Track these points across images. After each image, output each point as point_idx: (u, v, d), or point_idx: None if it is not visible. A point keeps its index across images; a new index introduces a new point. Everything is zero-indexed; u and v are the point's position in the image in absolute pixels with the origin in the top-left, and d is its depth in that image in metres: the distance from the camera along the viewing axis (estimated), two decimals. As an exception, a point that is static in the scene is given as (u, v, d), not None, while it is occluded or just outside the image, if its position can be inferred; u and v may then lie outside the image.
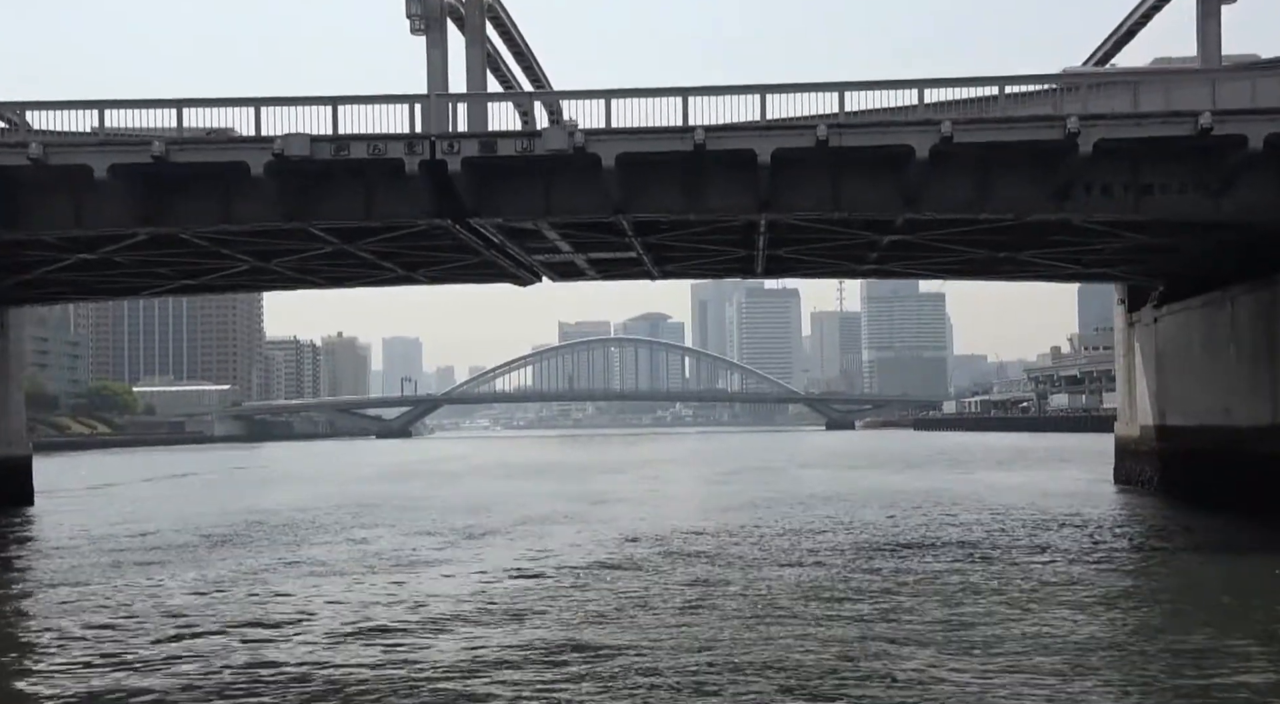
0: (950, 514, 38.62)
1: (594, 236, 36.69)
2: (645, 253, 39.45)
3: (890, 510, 40.26)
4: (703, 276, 46.84)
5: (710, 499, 48.56)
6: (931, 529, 33.72)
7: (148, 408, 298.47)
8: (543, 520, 39.01)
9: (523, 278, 44.71)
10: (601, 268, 43.54)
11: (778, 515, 39.02)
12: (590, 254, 40.17)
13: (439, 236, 36.11)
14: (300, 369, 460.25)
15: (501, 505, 46.72)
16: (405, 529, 36.70)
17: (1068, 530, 32.90)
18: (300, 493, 58.36)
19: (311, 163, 30.49)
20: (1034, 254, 39.40)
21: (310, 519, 41.00)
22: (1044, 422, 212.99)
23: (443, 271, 43.20)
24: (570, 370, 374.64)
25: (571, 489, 57.61)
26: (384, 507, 47.15)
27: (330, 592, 23.49)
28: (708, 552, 28.91)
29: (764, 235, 36.29)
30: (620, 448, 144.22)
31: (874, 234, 36.11)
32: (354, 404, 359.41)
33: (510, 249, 37.89)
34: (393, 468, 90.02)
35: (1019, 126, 29.51)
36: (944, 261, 41.80)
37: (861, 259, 41.71)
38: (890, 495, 47.89)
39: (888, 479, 61.94)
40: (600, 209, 32.53)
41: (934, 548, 28.75)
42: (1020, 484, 54.71)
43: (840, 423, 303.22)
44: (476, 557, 29.03)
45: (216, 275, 42.05)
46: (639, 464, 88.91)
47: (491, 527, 37.03)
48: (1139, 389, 46.34)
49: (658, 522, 37.49)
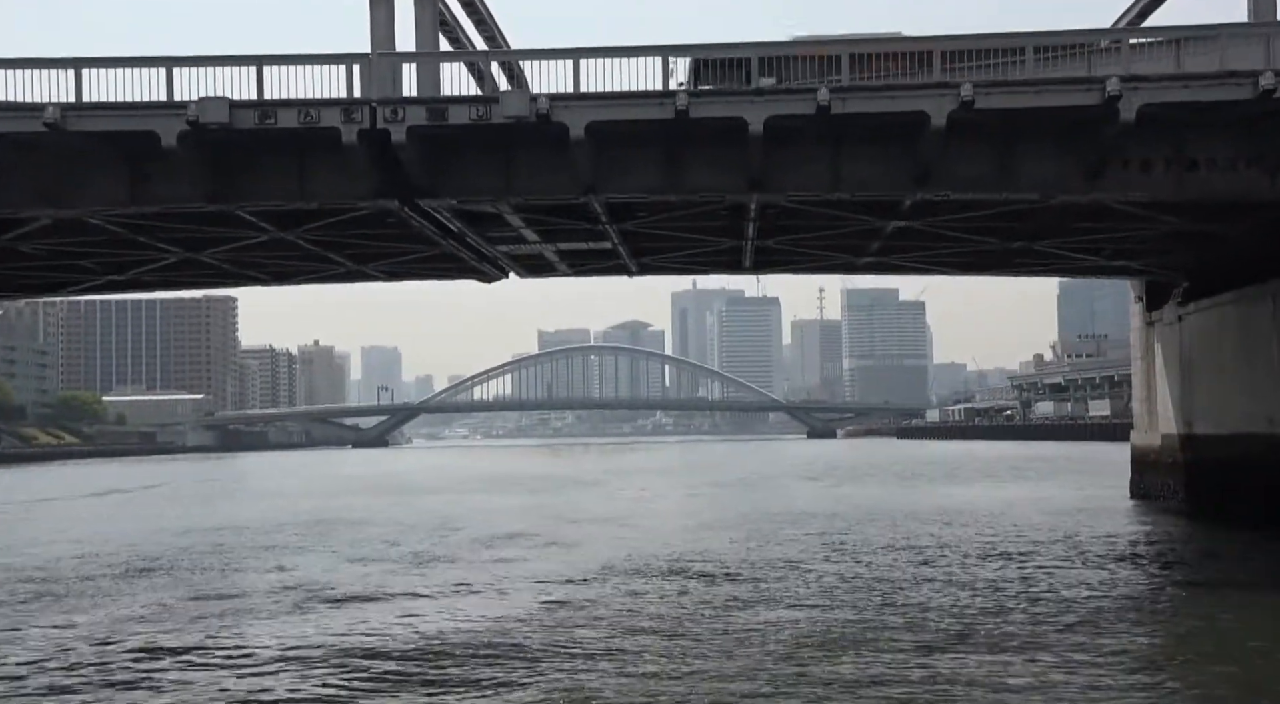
0: (964, 538, 34.60)
1: (563, 223, 32.58)
2: (621, 243, 35.37)
3: (896, 532, 36.22)
4: (685, 272, 42.77)
5: (694, 517, 44.48)
6: (950, 559, 29.67)
7: (118, 418, 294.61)
8: (506, 544, 34.87)
9: (487, 273, 40.57)
10: (573, 261, 39.44)
11: (770, 539, 34.96)
12: (560, 244, 36.06)
13: (388, 223, 31.98)
14: (276, 378, 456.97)
15: (465, 524, 42.58)
16: (349, 554, 32.51)
17: (1112, 564, 28.94)
18: (253, 509, 54.08)
19: (234, 133, 26.30)
20: (1052, 244, 35.48)
21: (249, 542, 36.78)
22: (1029, 430, 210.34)
23: (398, 265, 39.02)
24: (549, 379, 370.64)
25: (544, 505, 53.48)
26: (338, 525, 42.96)
27: (214, 643, 19.24)
28: (691, 589, 24.79)
29: (753, 223, 32.24)
30: (599, 458, 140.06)
31: (877, 219, 32.10)
32: (330, 413, 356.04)
33: (470, 238, 33.77)
34: (361, 480, 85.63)
35: (1051, 90, 25.52)
36: (951, 253, 37.87)
37: (860, 251, 37.75)
38: (891, 513, 43.87)
39: (882, 493, 57.94)
40: (568, 189, 28.44)
41: (961, 587, 24.66)
42: (1028, 499, 50.75)
43: (822, 432, 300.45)
44: (413, 592, 24.82)
45: (145, 269, 37.76)
46: (617, 476, 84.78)
47: (445, 552, 32.87)
48: (1160, 394, 42.47)
49: (634, 545, 33.40)
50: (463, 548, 33.30)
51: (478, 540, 35.30)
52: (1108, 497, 48.96)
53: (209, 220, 31.20)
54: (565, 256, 38.62)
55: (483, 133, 27.02)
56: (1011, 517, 40.85)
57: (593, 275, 43.30)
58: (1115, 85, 24.79)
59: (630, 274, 42.10)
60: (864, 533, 35.80)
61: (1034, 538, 33.51)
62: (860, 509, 45.74)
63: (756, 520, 40.76)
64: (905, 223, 32.19)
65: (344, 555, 32.04)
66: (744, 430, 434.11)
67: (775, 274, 43.15)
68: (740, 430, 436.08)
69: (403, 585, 25.78)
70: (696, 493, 61.72)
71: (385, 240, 34.88)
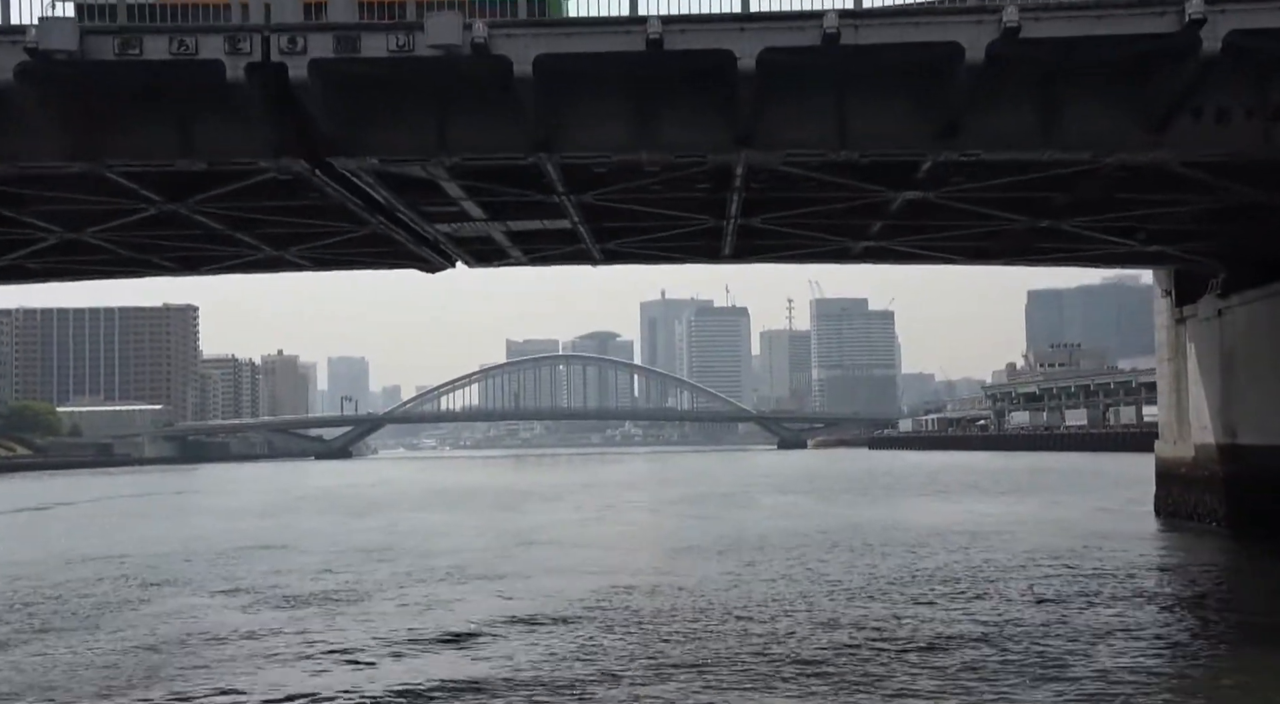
0: (975, 571, 29.43)
1: (512, 193, 27.26)
2: (582, 221, 30.07)
3: (893, 560, 31.07)
4: (655, 260, 37.40)
5: (662, 539, 39.27)
6: (962, 600, 24.48)
7: (73, 429, 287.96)
8: (444, 575, 29.50)
9: (430, 260, 35.21)
10: (528, 245, 34.13)
11: (750, 566, 29.76)
12: (510, 223, 30.72)
13: (304, 194, 26.67)
14: (238, 389, 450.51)
15: (407, 548, 37.23)
16: (259, 591, 27.08)
17: (1160, 603, 23.88)
18: (180, 529, 48.64)
19: (93, 68, 20.91)
20: (1085, 223, 30.40)
21: (145, 576, 31.26)
22: (1004, 440, 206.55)
23: (324, 250, 33.60)
24: (517, 389, 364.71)
25: (500, 523, 48.11)
26: (261, 553, 37.54)
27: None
28: (652, 643, 19.51)
29: (738, 194, 26.97)
30: (565, 470, 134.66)
31: (885, 189, 26.93)
32: (292, 424, 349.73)
33: (402, 213, 28.44)
34: (310, 496, 79.86)
35: (1116, 15, 20.40)
36: (963, 237, 32.79)
37: (860, 232, 32.60)
38: (881, 534, 38.76)
39: (867, 510, 52.80)
40: (515, 145, 23.15)
41: (987, 644, 19.45)
42: (1036, 519, 45.74)
43: (792, 442, 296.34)
44: (305, 648, 19.46)
45: (24, 254, 32.13)
46: (582, 489, 79.37)
47: (372, 586, 27.48)
48: (1194, 400, 37.53)
49: (591, 575, 28.16)
50: (383, 586, 27.83)
51: (407, 574, 29.85)
52: (1127, 515, 44.08)
53: (82, 188, 25.77)
54: (518, 240, 33.30)
55: (407, 72, 21.72)
56: (1025, 541, 35.80)
57: (552, 264, 38.03)
58: (1198, 6, 19.72)
59: (594, 262, 36.80)
60: (856, 564, 30.62)
61: (1059, 567, 28.45)
62: (846, 532, 40.56)
63: (730, 546, 35.46)
64: (918, 194, 27.05)
65: (258, 593, 26.50)
66: (714, 441, 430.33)
67: (758, 264, 37.81)
68: (710, 441, 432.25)
69: (299, 641, 20.40)
70: (665, 510, 56.50)
71: (303, 216, 29.48)
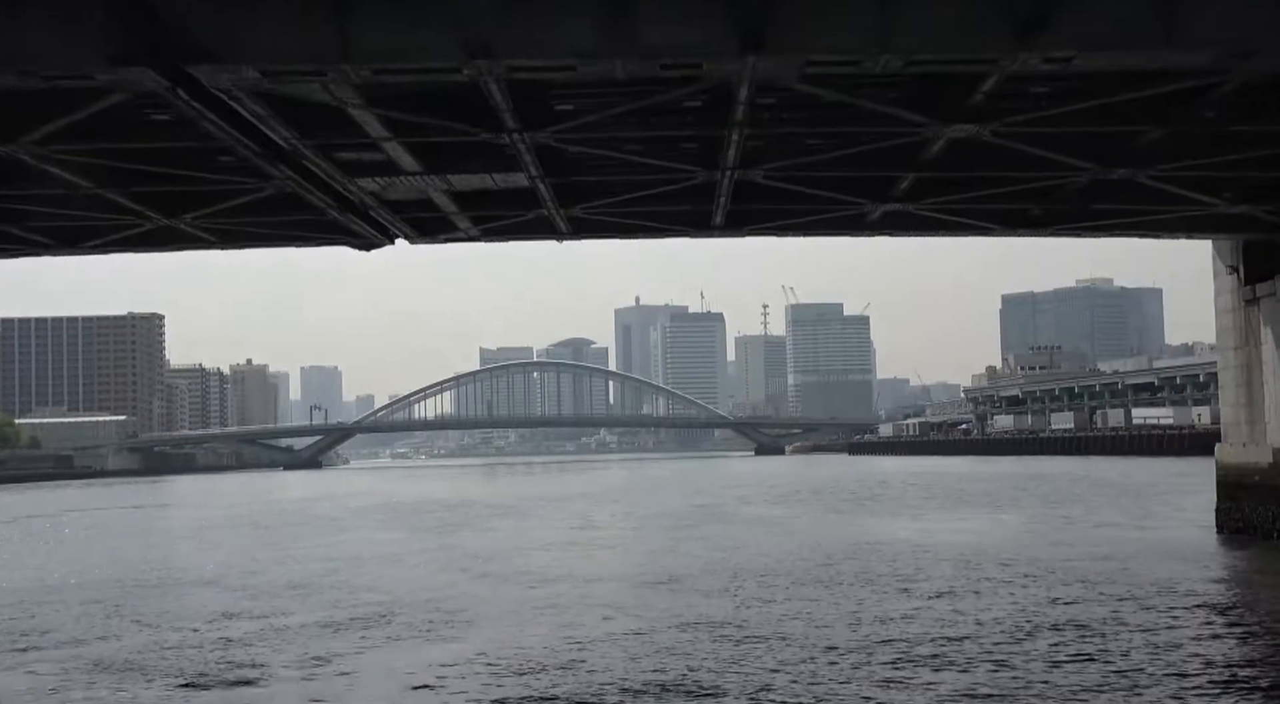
0: (1024, 612, 23.40)
1: (449, 130, 21.05)
2: (541, 175, 23.91)
3: (921, 597, 25.02)
4: (633, 232, 31.05)
5: (642, 567, 33.18)
6: (1006, 659, 18.44)
7: (31, 441, 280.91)
8: (369, 622, 23.25)
9: (361, 234, 29.05)
10: (479, 212, 27.92)
11: (748, 607, 23.71)
12: (452, 178, 24.48)
13: (181, 132, 20.58)
14: (206, 398, 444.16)
15: (338, 582, 31.03)
16: (58, 666, 20.78)
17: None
18: (88, 554, 42.41)
19: None
20: (1171, 172, 24.35)
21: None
22: (988, 444, 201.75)
23: (225, 218, 27.34)
24: (490, 396, 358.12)
25: (455, 546, 41.91)
26: (163, 586, 31.34)
27: None
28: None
29: (739, 128, 20.81)
30: (538, 480, 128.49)
31: (929, 121, 20.82)
32: (259, 434, 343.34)
33: (311, 160, 22.24)
34: (261, 511, 73.43)
35: None
36: (1012, 194, 26.77)
37: (883, 190, 26.54)
38: (895, 558, 32.76)
39: (870, 525, 46.86)
40: (444, 51, 17.02)
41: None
42: (1072, 536, 39.91)
43: (770, 448, 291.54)
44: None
45: None
46: (555, 502, 73.14)
47: (271, 641, 21.20)
48: (1270, 393, 31.72)
49: (551, 624, 22.04)
50: (285, 639, 21.56)
51: (323, 623, 23.55)
52: (1179, 529, 38.29)
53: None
54: (466, 204, 27.10)
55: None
56: (1077, 567, 29.88)
57: (510, 238, 31.90)
58: None
59: (559, 235, 30.70)
60: (883, 608, 24.57)
61: (1128, 604, 22.52)
62: (855, 556, 34.56)
63: (718, 578, 29.30)
64: (971, 129, 21.01)
65: (48, 667, 20.04)
66: (690, 447, 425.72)
67: (755, 237, 31.65)
68: (686, 447, 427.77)
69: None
70: (643, 527, 50.33)
71: (189, 168, 23.33)
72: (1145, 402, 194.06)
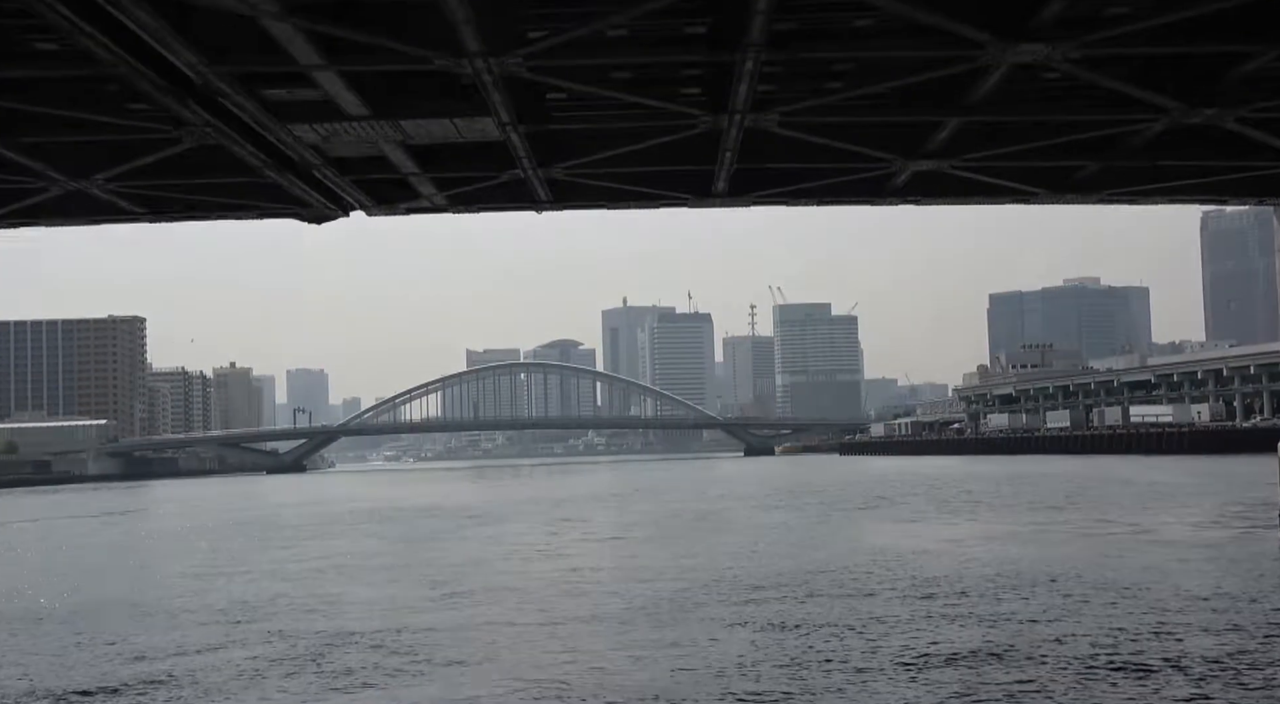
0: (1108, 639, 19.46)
1: (400, 55, 16.95)
2: (514, 121, 19.77)
3: (978, 623, 21.09)
4: (624, 200, 26.85)
5: (630, 588, 29.15)
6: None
7: (8, 446, 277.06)
8: (307, 659, 19.21)
9: (307, 201, 24.86)
10: (442, 172, 23.73)
11: (761, 648, 19.70)
12: (406, 126, 20.33)
13: (75, 62, 16.53)
14: (189, 402, 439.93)
15: (286, 604, 27.02)
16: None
17: None
18: (10, 574, 38.31)
19: None
20: (1257, 113, 20.36)
21: None
22: (983, 444, 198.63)
23: (143, 180, 23.18)
24: (477, 398, 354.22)
25: (426, 560, 37.94)
26: (82, 613, 27.27)
27: None
28: None
29: (753, 54, 16.75)
30: (524, 483, 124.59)
31: (991, 40, 16.78)
32: (242, 438, 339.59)
33: (230, 98, 18.11)
34: (221, 519, 69.30)
35: None
36: (1070, 146, 22.76)
37: (918, 142, 22.48)
38: (924, 569, 28.89)
39: (884, 531, 43.07)
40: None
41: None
42: (1140, 546, 36.06)
43: (759, 449, 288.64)
44: None
45: None
46: (539, 507, 69.14)
47: (185, 689, 17.16)
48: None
49: (523, 674, 18.00)
50: (205, 689, 17.52)
51: (256, 659, 19.51)
52: (1247, 534, 34.50)
53: None
54: (427, 162, 22.92)
55: None
56: (1163, 585, 26.01)
57: (483, 207, 27.58)
58: None
59: (539, 205, 26.48)
60: (930, 639, 20.60)
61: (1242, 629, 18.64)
62: (875, 570, 30.62)
63: (722, 602, 25.36)
64: (1040, 50, 16.95)
65: None
66: (678, 449, 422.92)
67: (763, 207, 27.50)
68: (674, 449, 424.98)
69: None
70: (631, 536, 46.35)
71: (88, 111, 19.23)
72: (1141, 399, 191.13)
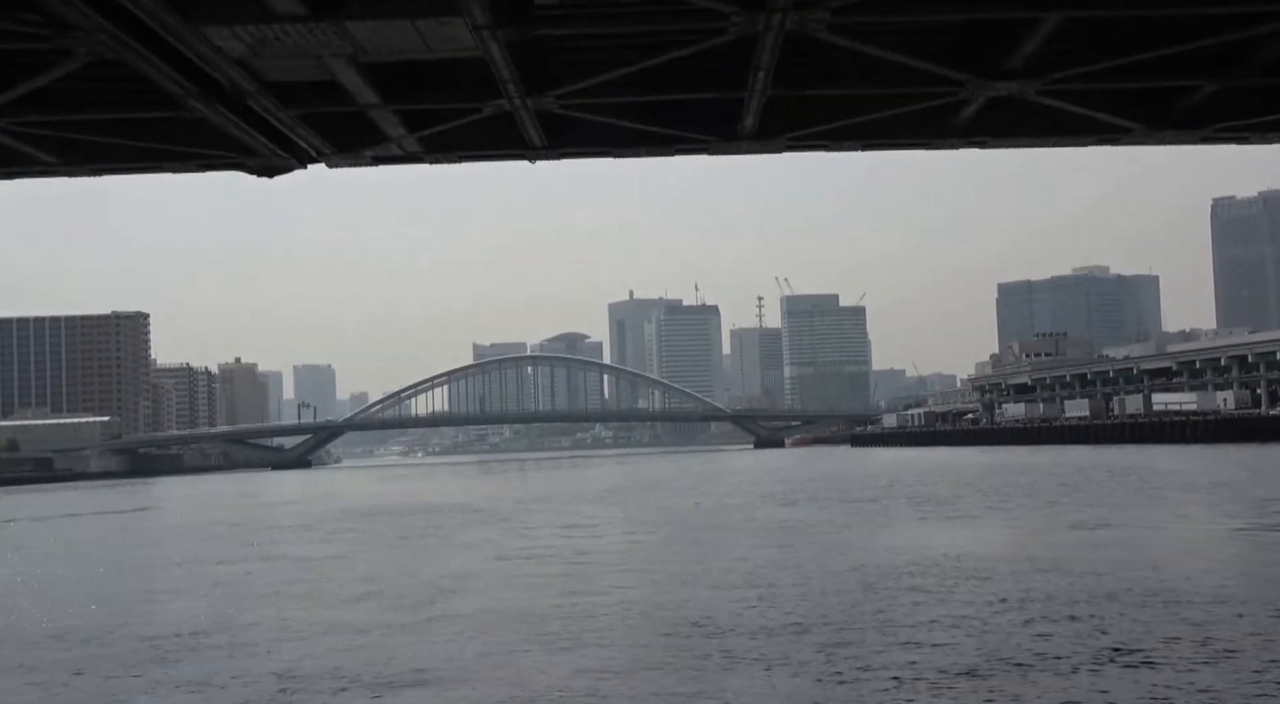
0: None
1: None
2: (491, 26, 15.40)
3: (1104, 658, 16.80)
4: (631, 145, 22.43)
5: (654, 606, 24.93)
6: None
7: (10, 443, 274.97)
8: (265, 691, 15.06)
9: (251, 147, 20.58)
10: (411, 104, 19.37)
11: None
12: (355, 29, 15.98)
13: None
14: (194, 398, 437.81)
15: (250, 620, 22.87)
16: None
17: None
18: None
19: None
20: None
21: None
22: (1001, 434, 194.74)
23: (38, 119, 18.92)
24: (484, 391, 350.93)
25: (416, 566, 33.85)
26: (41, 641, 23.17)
27: None
28: None
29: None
30: (530, 479, 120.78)
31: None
32: (246, 434, 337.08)
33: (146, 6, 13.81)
34: (214, 518, 65.58)
35: None
36: (1185, 60, 18.45)
37: (1000, 58, 18.13)
38: (1010, 589, 24.57)
39: (917, 534, 38.72)
40: None
41: None
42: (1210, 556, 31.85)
43: (769, 441, 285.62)
44: None
45: None
46: (543, 504, 65.13)
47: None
48: None
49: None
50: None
51: (205, 686, 15.38)
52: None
53: None
54: (391, 91, 18.58)
55: None
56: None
57: (466, 155, 23.18)
58: None
59: (532, 152, 22.04)
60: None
61: None
62: (924, 575, 26.35)
63: (754, 621, 21.16)
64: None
65: None
66: (686, 441, 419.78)
67: (800, 151, 23.01)
68: (682, 441, 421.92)
69: None
70: (643, 539, 42.17)
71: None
72: (1161, 387, 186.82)
